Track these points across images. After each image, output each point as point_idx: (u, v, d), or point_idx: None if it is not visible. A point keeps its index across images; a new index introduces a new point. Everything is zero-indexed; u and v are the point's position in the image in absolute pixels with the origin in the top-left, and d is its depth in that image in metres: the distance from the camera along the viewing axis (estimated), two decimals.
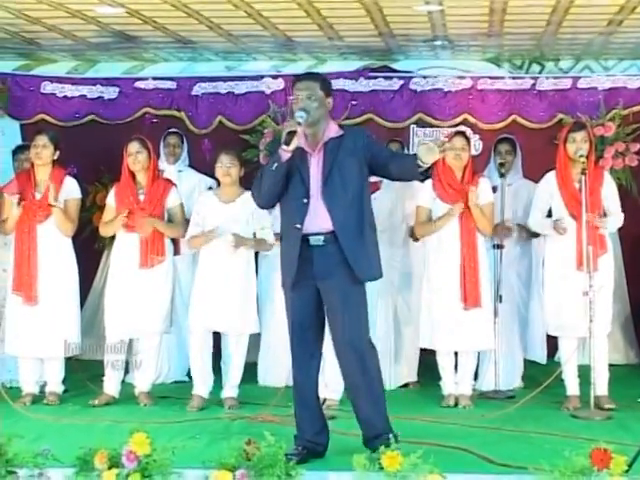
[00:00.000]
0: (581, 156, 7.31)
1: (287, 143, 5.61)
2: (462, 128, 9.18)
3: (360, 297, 5.85)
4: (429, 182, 7.64)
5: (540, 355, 8.58)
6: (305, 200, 5.73)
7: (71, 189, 7.75)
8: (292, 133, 5.62)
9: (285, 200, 5.84)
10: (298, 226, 5.70)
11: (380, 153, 5.91)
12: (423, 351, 8.14)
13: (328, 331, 5.92)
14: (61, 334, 7.65)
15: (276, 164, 5.66)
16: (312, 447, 5.84)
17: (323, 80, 5.95)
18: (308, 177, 5.76)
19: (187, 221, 7.74)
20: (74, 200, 7.76)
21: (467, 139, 7.73)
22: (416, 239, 8.04)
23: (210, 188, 8.29)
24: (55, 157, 7.71)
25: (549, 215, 7.60)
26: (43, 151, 7.67)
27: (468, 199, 7.50)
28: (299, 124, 5.64)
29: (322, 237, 5.71)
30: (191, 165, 8.90)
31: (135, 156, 7.66)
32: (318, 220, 5.71)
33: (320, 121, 5.82)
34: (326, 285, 5.75)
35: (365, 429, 5.85)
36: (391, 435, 5.68)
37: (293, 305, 5.88)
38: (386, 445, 5.27)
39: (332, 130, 5.86)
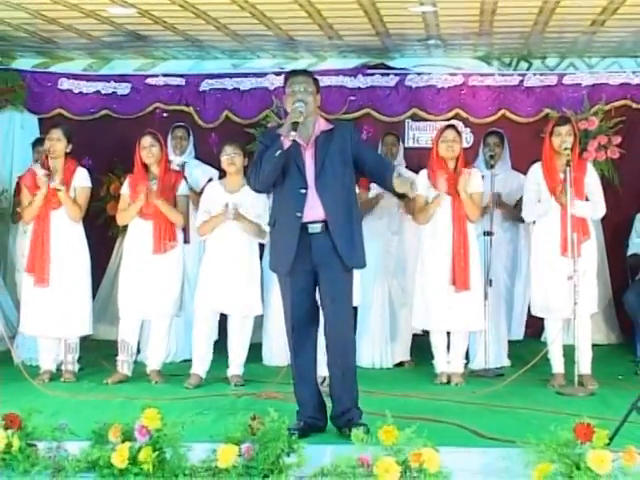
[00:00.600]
0: (566, 149, 7.31)
1: (295, 129, 5.62)
2: (453, 122, 9.19)
3: (350, 283, 5.90)
4: (424, 172, 7.65)
5: (518, 333, 8.61)
6: (303, 190, 5.74)
7: (81, 177, 7.76)
8: (296, 123, 5.64)
9: (282, 190, 5.84)
10: (299, 214, 5.71)
11: (364, 153, 5.93)
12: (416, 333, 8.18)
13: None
14: (73, 315, 7.67)
15: (279, 151, 5.66)
16: (313, 422, 5.86)
17: (314, 77, 6.03)
18: (304, 168, 5.78)
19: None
20: (83, 188, 7.76)
21: (458, 132, 7.73)
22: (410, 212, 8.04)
23: (210, 179, 8.27)
24: (68, 150, 7.72)
25: None
26: (57, 144, 7.68)
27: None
28: (301, 113, 5.66)
29: (319, 225, 5.73)
30: (197, 157, 8.89)
31: (149, 149, 7.67)
32: (315, 209, 5.73)
33: (312, 115, 5.85)
34: (323, 271, 5.77)
35: (335, 405, 5.88)
36: (358, 413, 5.75)
37: (291, 290, 5.86)
38: (354, 423, 5.39)
39: (322, 124, 5.90)
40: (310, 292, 5.84)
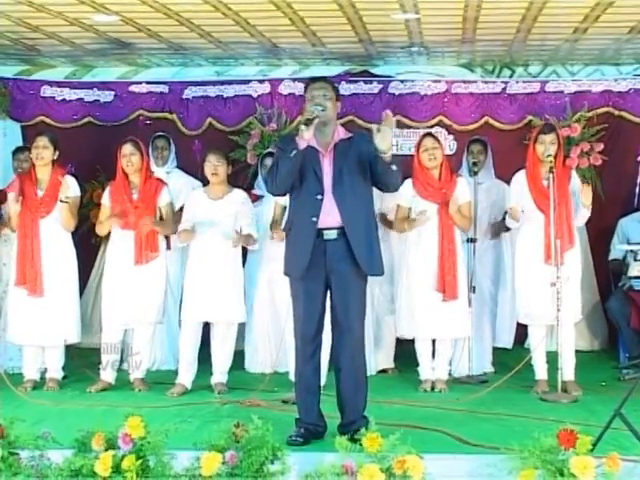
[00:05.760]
0: (549, 156, 7.33)
1: (307, 124, 5.65)
2: (434, 129, 9.23)
3: (364, 290, 5.90)
4: (409, 181, 7.64)
5: (507, 341, 8.61)
6: (320, 196, 5.77)
7: (72, 186, 7.73)
8: (310, 120, 5.67)
9: (298, 195, 5.86)
10: (314, 219, 5.73)
11: (376, 164, 5.87)
12: (399, 339, 8.17)
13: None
14: (62, 324, 7.66)
15: (295, 151, 5.69)
16: (314, 429, 5.87)
17: (334, 84, 6.08)
18: (322, 175, 5.80)
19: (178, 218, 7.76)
20: (74, 197, 7.75)
21: (436, 139, 7.74)
22: (389, 226, 8.03)
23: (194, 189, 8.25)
24: (55, 157, 7.71)
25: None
26: (44, 151, 7.66)
27: (447, 200, 7.52)
28: (313, 112, 5.69)
29: (335, 232, 5.77)
30: (179, 166, 8.85)
31: (129, 158, 7.64)
32: (331, 216, 5.76)
33: (331, 121, 5.90)
34: (336, 277, 5.78)
35: (344, 414, 5.87)
36: (365, 421, 5.71)
37: (304, 295, 5.85)
38: (360, 430, 5.35)
39: (341, 132, 5.95)
40: (321, 298, 5.85)
